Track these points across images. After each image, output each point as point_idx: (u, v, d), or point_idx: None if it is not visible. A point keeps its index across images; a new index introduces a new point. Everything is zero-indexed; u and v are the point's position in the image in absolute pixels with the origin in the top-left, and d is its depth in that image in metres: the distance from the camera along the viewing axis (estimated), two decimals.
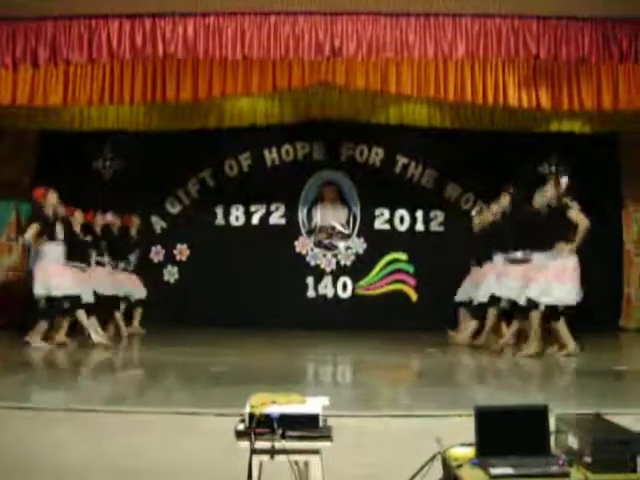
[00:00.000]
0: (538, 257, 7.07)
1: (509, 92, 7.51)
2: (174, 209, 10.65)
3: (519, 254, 7.57)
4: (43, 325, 7.50)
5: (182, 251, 10.57)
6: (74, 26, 7.08)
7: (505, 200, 8.00)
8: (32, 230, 7.40)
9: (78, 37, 7.06)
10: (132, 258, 9.43)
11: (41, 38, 7.08)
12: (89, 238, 8.42)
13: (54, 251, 7.54)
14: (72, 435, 3.88)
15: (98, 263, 8.64)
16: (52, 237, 7.52)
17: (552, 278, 6.82)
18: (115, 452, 3.79)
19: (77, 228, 8.15)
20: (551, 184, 7.05)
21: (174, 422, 3.91)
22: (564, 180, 7.02)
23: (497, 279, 7.76)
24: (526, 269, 7.30)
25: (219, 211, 10.68)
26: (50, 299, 7.51)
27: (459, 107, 9.57)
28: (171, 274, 10.56)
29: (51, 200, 7.57)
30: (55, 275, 7.49)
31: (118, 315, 8.87)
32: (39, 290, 7.47)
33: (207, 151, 10.54)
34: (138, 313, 9.43)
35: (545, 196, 7.08)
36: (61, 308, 7.55)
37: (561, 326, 6.93)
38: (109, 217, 9.02)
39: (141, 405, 4.15)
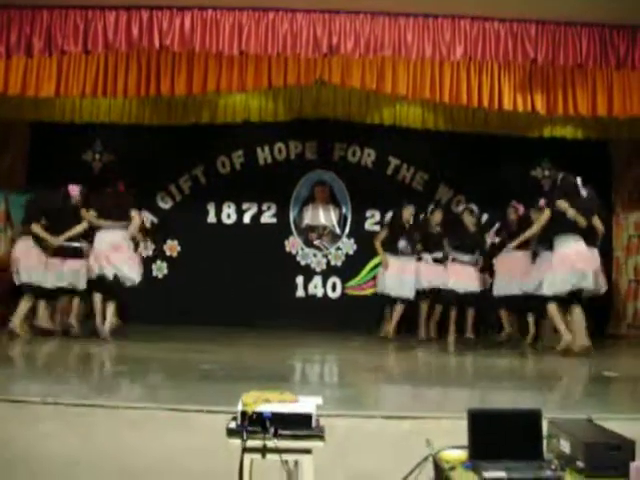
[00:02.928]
0: None
1: (504, 95, 7.50)
2: (165, 204, 10.59)
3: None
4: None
5: (172, 247, 10.51)
6: (70, 16, 7.01)
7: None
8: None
9: (74, 27, 6.99)
10: None
11: (36, 27, 7.01)
12: None
13: None
14: (59, 430, 3.84)
15: None
16: None
17: None
18: (103, 448, 3.75)
19: None
20: None
21: (165, 419, 3.87)
22: None
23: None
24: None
25: (211, 208, 10.63)
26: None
27: (453, 109, 9.56)
28: (160, 269, 10.49)
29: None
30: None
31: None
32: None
33: (200, 147, 10.48)
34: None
35: None
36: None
37: None
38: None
39: (131, 401, 4.10)
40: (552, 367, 6.93)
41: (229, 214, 10.65)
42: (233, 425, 3.02)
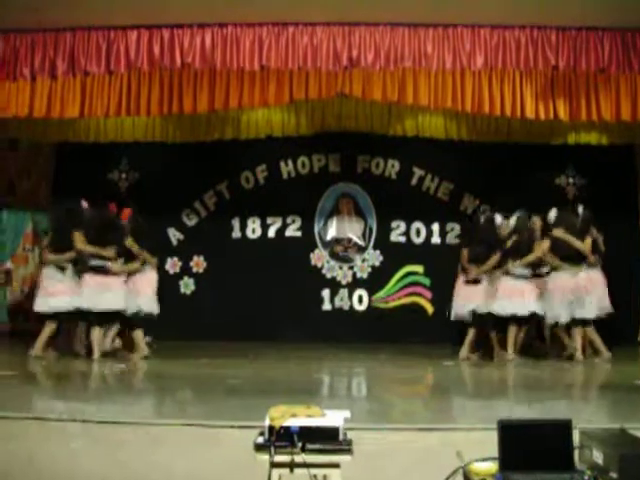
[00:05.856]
0: None
1: (527, 103, 7.42)
2: (190, 221, 10.65)
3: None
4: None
5: (198, 263, 10.55)
6: (92, 37, 7.10)
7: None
8: None
9: (96, 48, 7.08)
10: None
11: (59, 49, 7.10)
12: None
13: None
14: (88, 447, 3.85)
15: None
16: None
17: None
18: (131, 465, 3.75)
19: None
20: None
21: (192, 434, 3.87)
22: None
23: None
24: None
25: (235, 223, 10.65)
26: None
27: (476, 119, 9.52)
28: (187, 286, 10.54)
29: None
30: None
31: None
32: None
33: (223, 163, 10.53)
34: None
35: None
36: None
37: None
38: None
39: (159, 417, 4.11)
40: (582, 377, 6.84)
41: (254, 229, 10.67)
42: (261, 440, 3.01)
